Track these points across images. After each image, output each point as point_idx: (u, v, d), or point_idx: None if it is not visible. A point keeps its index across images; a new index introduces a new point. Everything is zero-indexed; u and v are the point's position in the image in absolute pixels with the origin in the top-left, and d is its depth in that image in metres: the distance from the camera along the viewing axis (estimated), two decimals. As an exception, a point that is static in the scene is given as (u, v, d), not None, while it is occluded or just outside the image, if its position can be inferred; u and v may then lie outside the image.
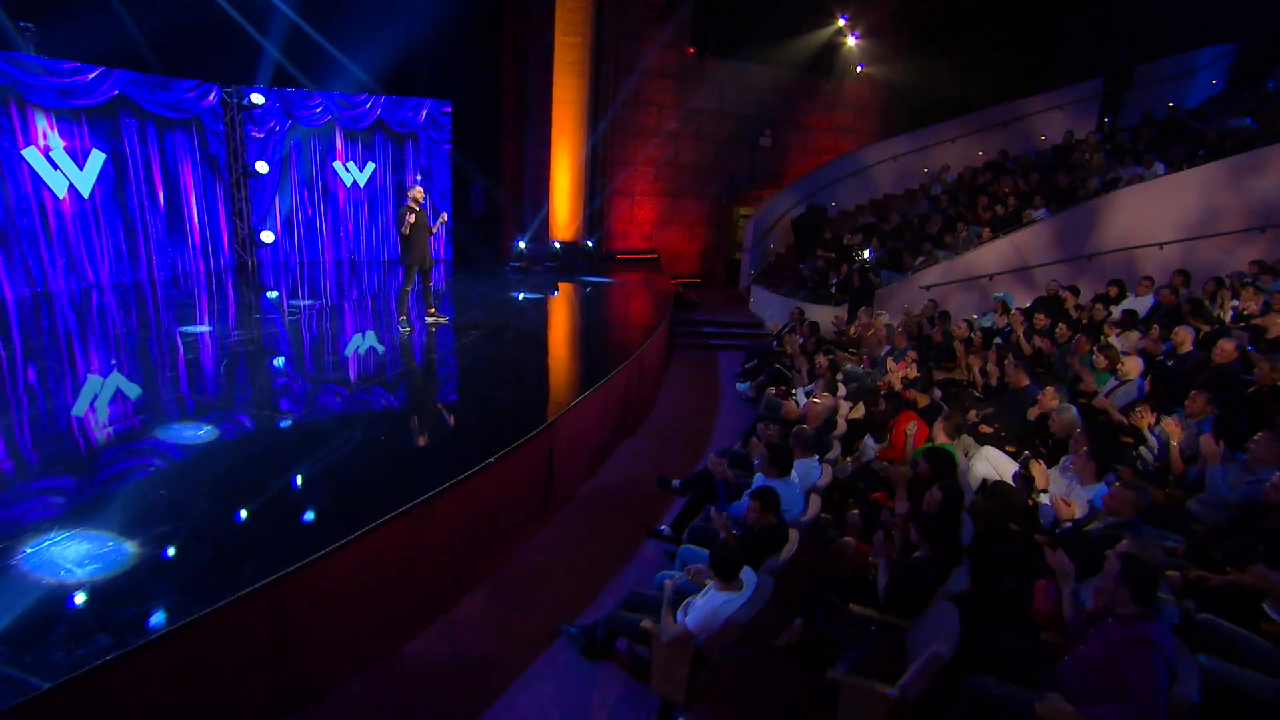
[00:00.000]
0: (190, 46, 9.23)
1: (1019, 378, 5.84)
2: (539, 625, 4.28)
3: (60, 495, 4.10)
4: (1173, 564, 3.55)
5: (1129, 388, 5.78)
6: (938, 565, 3.49)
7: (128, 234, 9.08)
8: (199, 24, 8.97)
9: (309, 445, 4.91)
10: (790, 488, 4.18)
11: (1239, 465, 4.03)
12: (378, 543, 3.96)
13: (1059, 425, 4.90)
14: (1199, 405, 4.75)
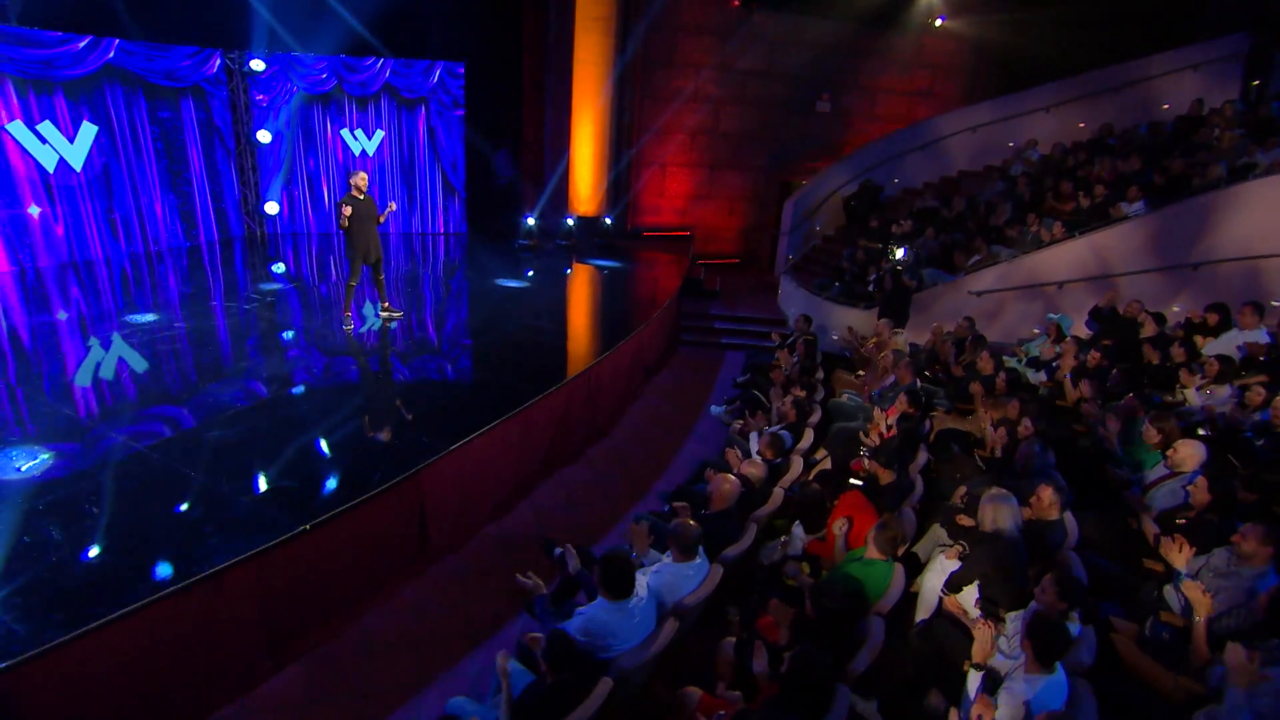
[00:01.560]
0: (185, 11, 8.92)
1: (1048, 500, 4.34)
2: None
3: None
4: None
5: (1176, 485, 4.31)
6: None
7: (121, 207, 9.08)
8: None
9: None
10: (625, 616, 3.27)
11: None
12: (144, 625, 3.47)
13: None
14: (1254, 547, 3.32)
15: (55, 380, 5.79)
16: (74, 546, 3.83)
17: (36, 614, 3.32)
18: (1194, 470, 4.23)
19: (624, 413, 7.56)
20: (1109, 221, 8.35)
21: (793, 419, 5.48)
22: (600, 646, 3.24)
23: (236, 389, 5.84)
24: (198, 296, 7.98)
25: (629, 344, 7.30)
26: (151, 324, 7.00)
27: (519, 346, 7.27)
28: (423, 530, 4.85)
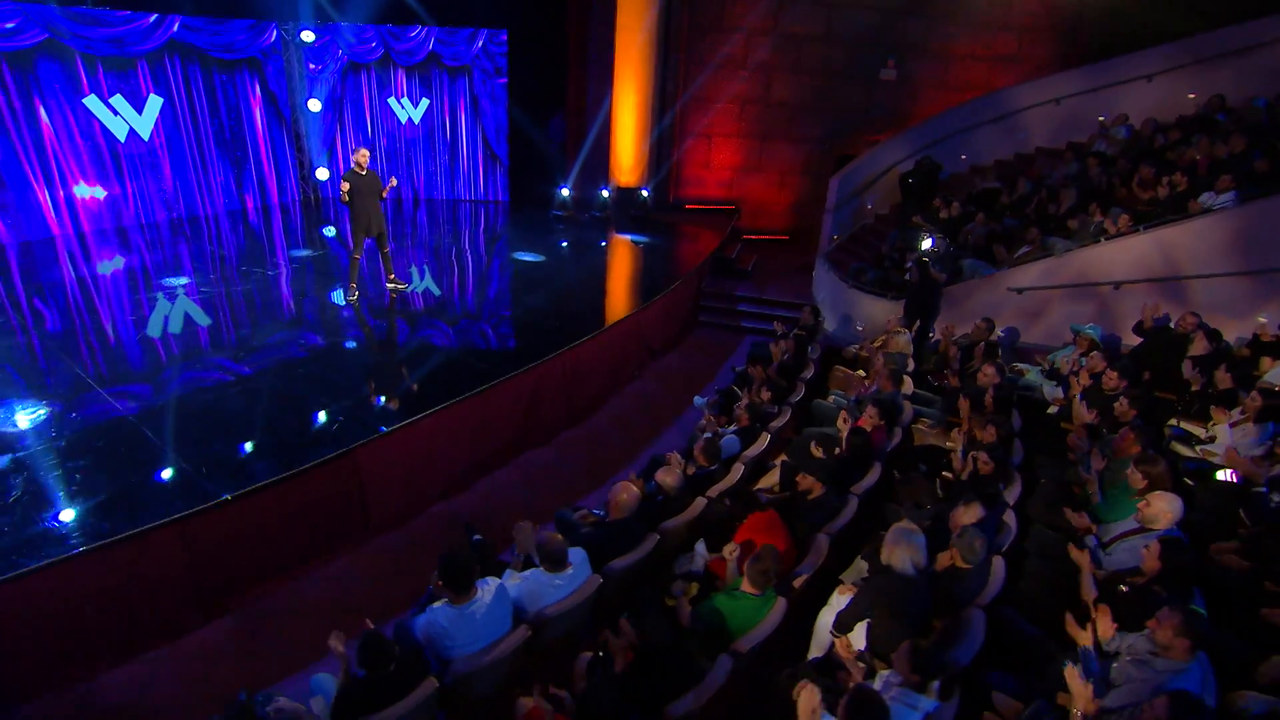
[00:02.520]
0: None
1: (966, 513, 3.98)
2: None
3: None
4: None
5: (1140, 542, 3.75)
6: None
7: (183, 173, 9.84)
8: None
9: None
10: (465, 620, 3.30)
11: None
12: (72, 573, 3.88)
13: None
14: (1169, 637, 2.83)
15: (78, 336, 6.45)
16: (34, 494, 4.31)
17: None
18: (1167, 528, 3.69)
19: (615, 394, 7.52)
20: (1183, 216, 7.27)
21: (744, 423, 5.24)
22: (440, 647, 3.29)
23: (228, 354, 6.29)
24: (231, 261, 8.58)
25: (615, 329, 7.20)
26: (179, 286, 7.64)
27: (512, 325, 7.35)
28: (364, 505, 5.08)
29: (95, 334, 6.58)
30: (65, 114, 8.55)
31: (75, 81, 8.50)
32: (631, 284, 8.80)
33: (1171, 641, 2.81)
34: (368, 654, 3.01)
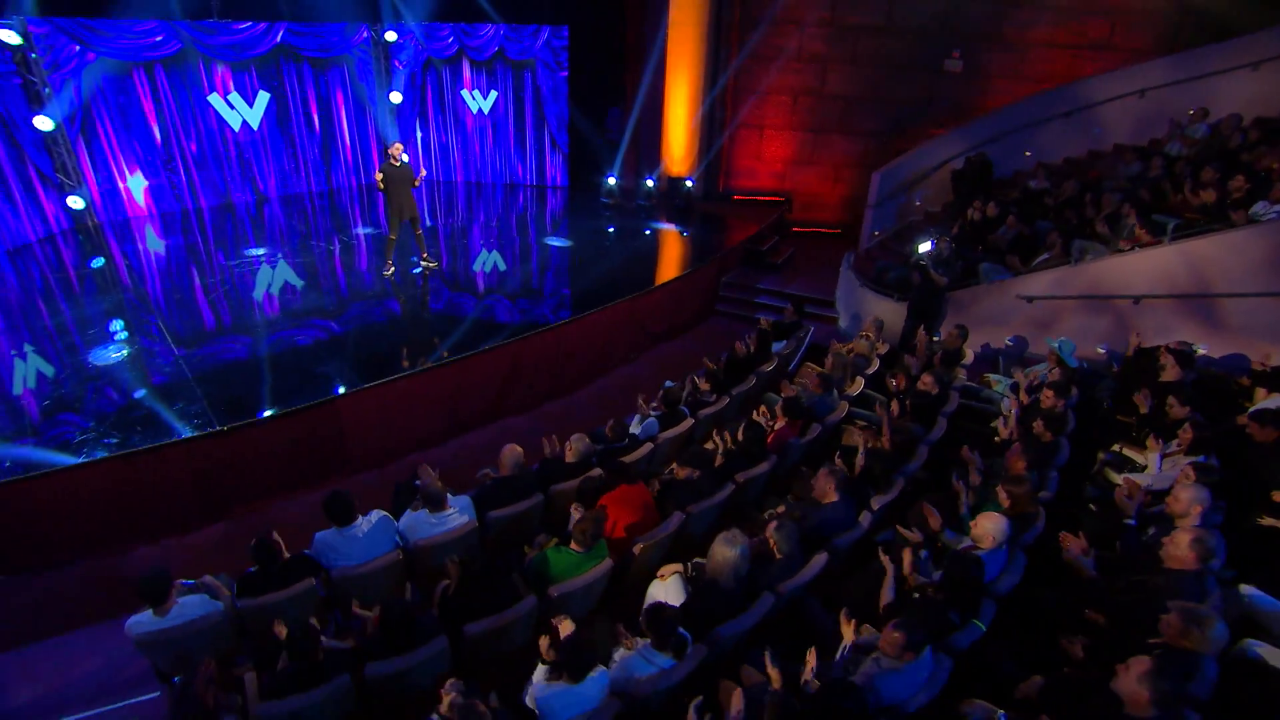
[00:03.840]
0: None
1: (825, 487, 4.26)
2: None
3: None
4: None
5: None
6: None
7: (289, 157, 11.46)
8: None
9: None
10: (345, 541, 4.08)
11: None
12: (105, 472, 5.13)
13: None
14: (894, 648, 3.01)
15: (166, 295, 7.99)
16: (94, 410, 5.64)
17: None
18: (991, 548, 3.76)
19: (605, 374, 8.08)
20: (1219, 226, 6.65)
21: (660, 410, 5.66)
22: (325, 560, 4.09)
23: (269, 311, 7.60)
24: (307, 237, 10.01)
25: (603, 313, 7.74)
26: (256, 256, 9.12)
27: (512, 303, 8.11)
28: (342, 447, 6.06)
29: (181, 289, 8.11)
30: (195, 108, 10.30)
31: (200, 81, 10.20)
32: (646, 270, 9.24)
33: (889, 645, 3.02)
34: (259, 552, 3.87)
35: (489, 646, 3.62)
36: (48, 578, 5.03)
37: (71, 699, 4.10)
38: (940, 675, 3.09)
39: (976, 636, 3.33)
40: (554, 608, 3.75)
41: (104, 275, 8.50)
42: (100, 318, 7.37)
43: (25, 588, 4.95)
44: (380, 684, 3.29)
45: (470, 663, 3.58)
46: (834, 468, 4.29)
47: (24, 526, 4.99)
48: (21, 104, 8.87)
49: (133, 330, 7.12)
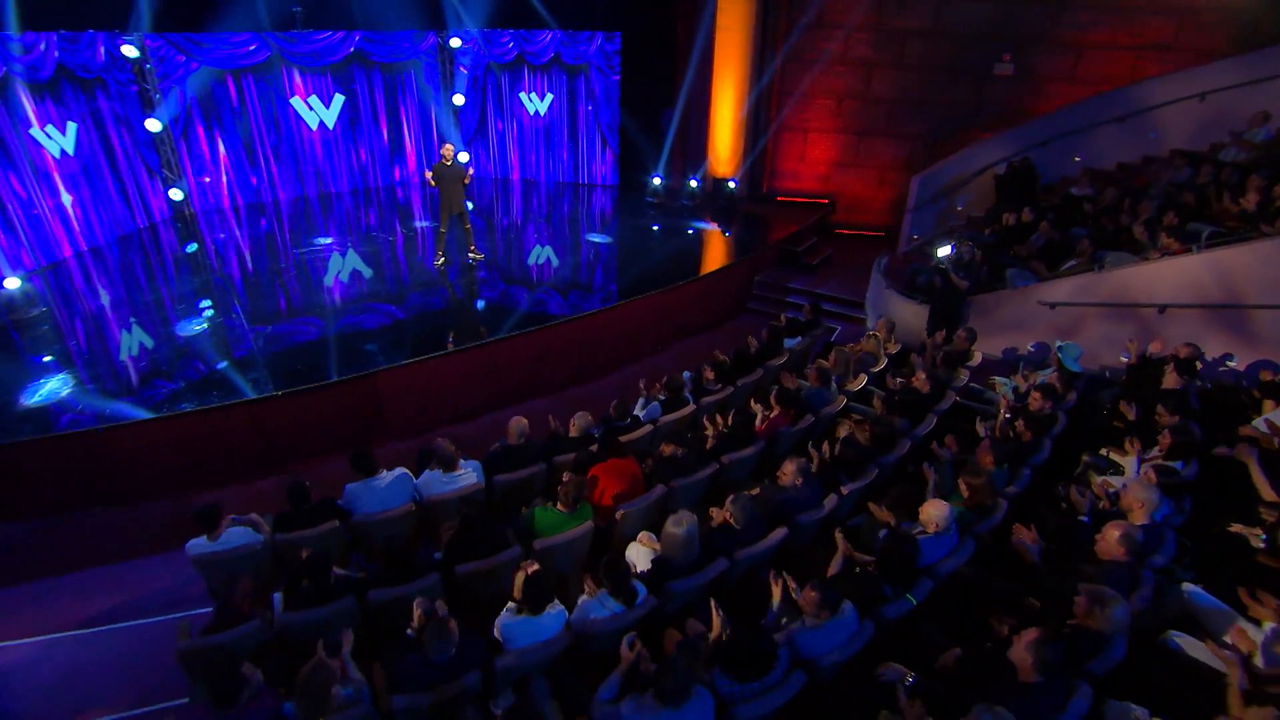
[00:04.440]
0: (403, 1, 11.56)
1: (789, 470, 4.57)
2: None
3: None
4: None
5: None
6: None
7: (359, 155, 12.46)
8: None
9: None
10: (367, 491, 4.71)
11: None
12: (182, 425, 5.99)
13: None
14: (806, 599, 3.42)
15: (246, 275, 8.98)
16: (179, 373, 6.54)
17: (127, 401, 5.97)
18: (936, 532, 4.01)
19: (632, 364, 8.54)
20: (1250, 235, 6.50)
21: (664, 396, 6.07)
22: (351, 506, 4.73)
23: (329, 293, 8.42)
24: (371, 227, 10.92)
25: (627, 307, 8.20)
26: (323, 244, 10.06)
27: (550, 293, 8.68)
28: (381, 417, 6.77)
29: (259, 272, 9.11)
30: (277, 110, 11.39)
31: (282, 86, 11.27)
32: (681, 267, 9.61)
33: (806, 603, 3.36)
34: (292, 493, 4.55)
35: (478, 587, 4.15)
36: (135, 511, 5.93)
37: (146, 608, 4.90)
38: (861, 637, 3.40)
39: (906, 609, 3.61)
40: (538, 559, 4.25)
41: (195, 259, 9.62)
42: (190, 296, 8.40)
43: (117, 518, 5.87)
44: (380, 608, 3.88)
45: (461, 600, 4.12)
46: (802, 455, 4.60)
47: (119, 468, 5.91)
48: (136, 109, 10.11)
49: (215, 307, 8.09)
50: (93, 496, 5.97)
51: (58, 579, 5.27)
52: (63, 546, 5.61)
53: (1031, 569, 3.89)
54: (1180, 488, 4.16)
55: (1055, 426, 5.20)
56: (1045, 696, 2.89)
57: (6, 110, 8.46)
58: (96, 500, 5.98)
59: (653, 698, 2.87)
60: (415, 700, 3.17)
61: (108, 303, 8.35)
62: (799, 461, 4.57)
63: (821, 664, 3.26)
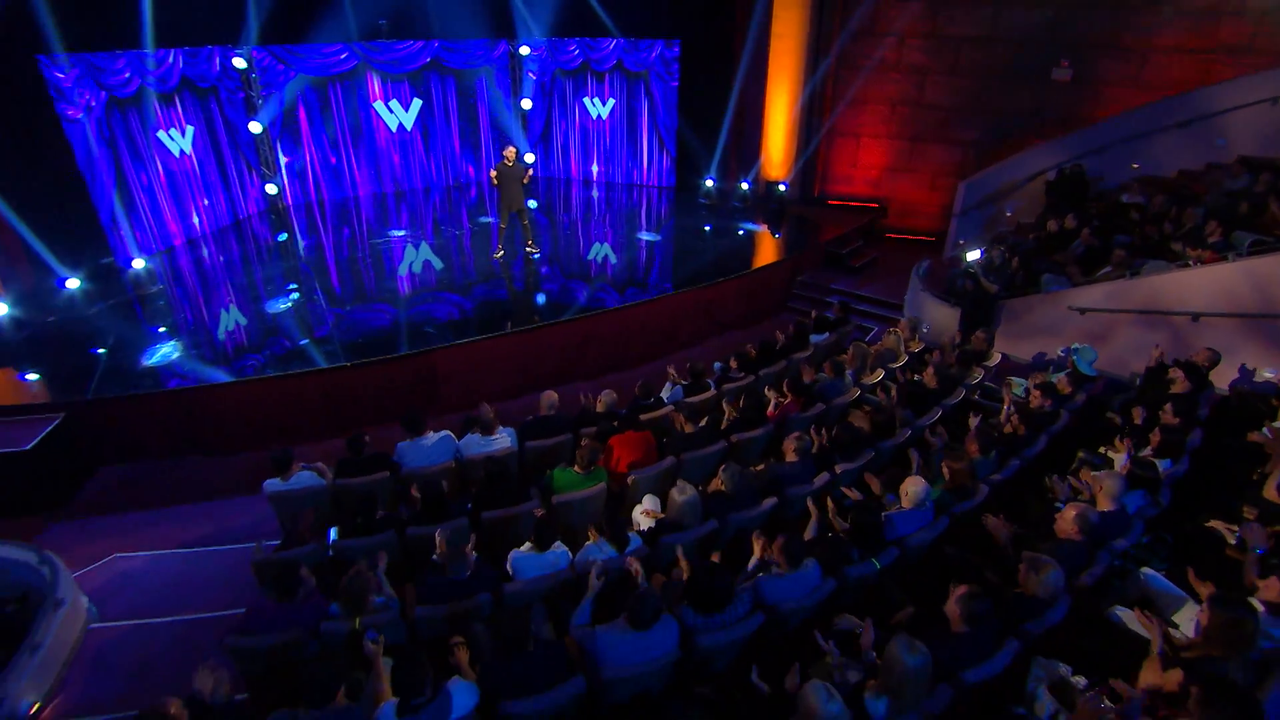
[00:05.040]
0: (480, 13, 12.47)
1: (787, 448, 5.03)
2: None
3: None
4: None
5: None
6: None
7: (433, 154, 13.47)
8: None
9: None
10: (415, 448, 5.42)
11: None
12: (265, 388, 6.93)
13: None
14: (774, 552, 3.92)
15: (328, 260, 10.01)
16: (265, 343, 7.51)
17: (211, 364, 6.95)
18: (911, 506, 4.36)
19: (669, 354, 9.04)
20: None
21: (687, 381, 6.55)
22: (402, 461, 5.46)
23: (400, 280, 9.31)
24: (442, 221, 11.85)
25: (664, 301, 8.73)
26: (397, 235, 11.03)
27: (599, 285, 9.30)
28: (434, 390, 7.54)
29: (339, 259, 10.13)
30: (360, 113, 12.52)
31: (366, 91, 12.38)
32: (725, 265, 10.01)
33: (775, 552, 3.80)
34: (351, 443, 5.31)
35: (501, 532, 4.77)
36: (224, 460, 6.90)
37: (233, 537, 5.78)
38: (822, 591, 3.81)
39: (870, 571, 3.99)
40: (555, 512, 4.85)
41: (285, 247, 10.76)
42: (279, 279, 9.48)
43: (210, 465, 6.85)
44: (416, 543, 4.55)
45: (487, 543, 4.75)
46: (800, 435, 5.01)
47: (213, 423, 6.89)
48: (241, 113, 11.38)
49: (300, 289, 9.12)
50: (192, 446, 6.97)
51: (164, 510, 6.26)
52: (168, 485, 6.62)
53: (1001, 549, 4.18)
54: (1156, 481, 4.34)
55: (1055, 423, 5.39)
56: (971, 646, 3.24)
57: (139, 116, 9.77)
58: (195, 449, 6.99)
59: (625, 621, 3.40)
60: (434, 611, 3.81)
61: (211, 283, 9.52)
62: (800, 441, 4.98)
63: (781, 609, 3.69)
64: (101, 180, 9.24)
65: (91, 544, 5.69)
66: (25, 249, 8.49)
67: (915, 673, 2.92)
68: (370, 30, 11.94)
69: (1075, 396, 5.72)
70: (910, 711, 2.97)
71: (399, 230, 11.42)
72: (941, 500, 4.51)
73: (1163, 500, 4.33)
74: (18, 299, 8.13)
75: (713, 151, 13.19)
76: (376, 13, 11.90)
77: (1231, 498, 4.52)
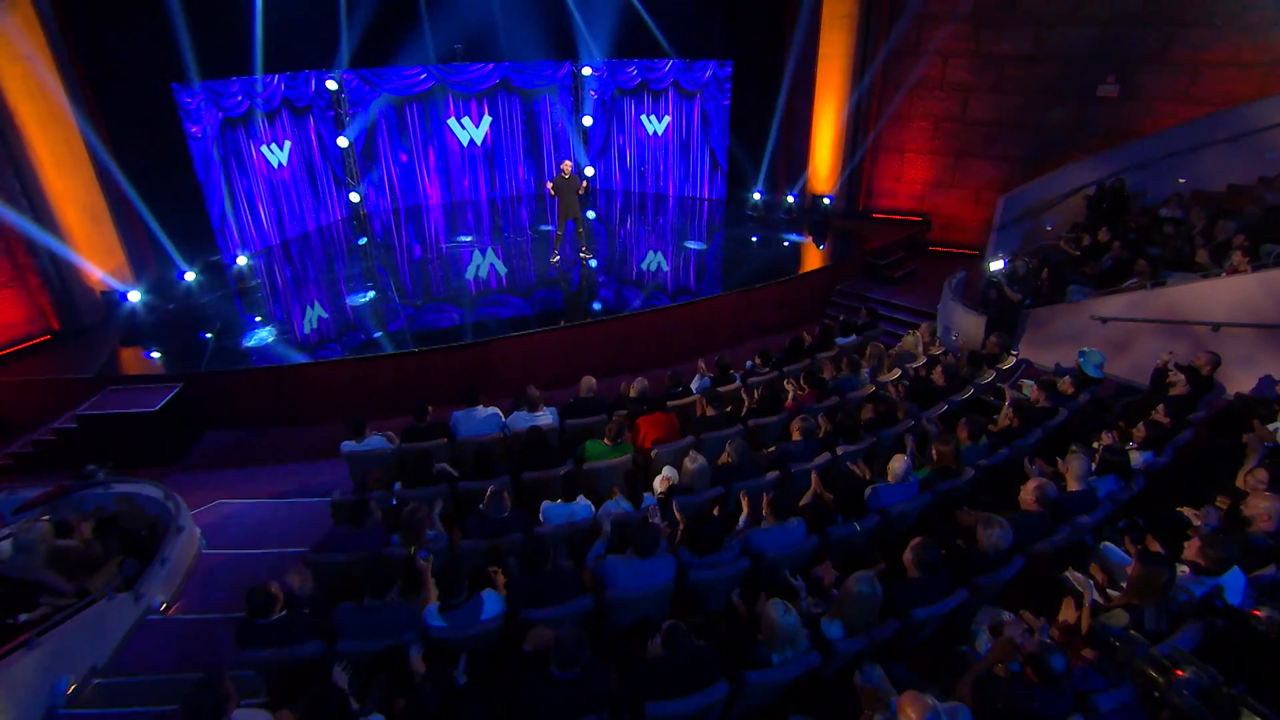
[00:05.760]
0: (546, 37, 13.51)
1: (793, 429, 5.62)
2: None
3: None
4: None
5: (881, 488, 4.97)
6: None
7: (500, 167, 14.58)
8: (548, 17, 13.20)
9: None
10: (467, 417, 6.26)
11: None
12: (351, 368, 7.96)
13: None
14: (762, 508, 4.52)
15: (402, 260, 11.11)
16: (346, 335, 8.57)
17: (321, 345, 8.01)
18: (895, 481, 4.86)
19: (707, 352, 9.66)
20: (1310, 259, 6.55)
21: (714, 373, 7.18)
22: (457, 431, 6.30)
23: (470, 280, 10.29)
24: (506, 228, 12.87)
25: (707, 303, 9.37)
26: (465, 240, 12.08)
27: (640, 287, 10.04)
28: (493, 376, 8.42)
29: (411, 261, 11.23)
30: (434, 129, 13.73)
31: (441, 109, 13.59)
32: (764, 273, 10.57)
33: (764, 507, 4.39)
34: (417, 410, 6.18)
35: (537, 490, 5.52)
36: (306, 430, 7.95)
37: (313, 492, 6.76)
38: (805, 545, 4.37)
39: (850, 533, 4.53)
40: (586, 477, 5.57)
41: (365, 249, 11.97)
42: (358, 277, 10.63)
43: (297, 433, 7.91)
44: (465, 495, 5.35)
45: (525, 498, 5.51)
46: (806, 418, 5.57)
47: (298, 398, 7.95)
48: (331, 130, 12.73)
49: (376, 286, 10.22)
50: (282, 417, 8.05)
51: (257, 469, 7.32)
52: (261, 448, 7.70)
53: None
54: (1127, 466, 4.70)
55: (1053, 418, 5.76)
56: (923, 590, 3.76)
57: (246, 133, 11.17)
58: (284, 420, 8.07)
59: (631, 552, 4.06)
60: (476, 545, 4.57)
61: (300, 279, 10.76)
62: (805, 423, 5.54)
63: (766, 556, 4.28)
64: (214, 188, 10.63)
65: (201, 491, 6.76)
66: (154, 246, 9.89)
67: (865, 600, 3.48)
68: (447, 54, 13.14)
69: (1078, 396, 6.05)
70: (860, 635, 3.53)
71: (466, 236, 12.49)
72: (928, 479, 4.99)
73: (1135, 486, 4.69)
74: (148, 288, 9.49)
75: (760, 166, 13.78)
76: (453, 38, 13.10)
77: (1211, 489, 4.82)
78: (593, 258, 11.13)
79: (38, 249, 8.37)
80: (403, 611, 3.81)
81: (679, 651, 3.24)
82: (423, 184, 14.16)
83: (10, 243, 8.22)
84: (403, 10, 12.43)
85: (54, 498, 5.80)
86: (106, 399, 7.42)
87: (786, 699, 3.56)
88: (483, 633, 3.78)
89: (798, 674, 3.37)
